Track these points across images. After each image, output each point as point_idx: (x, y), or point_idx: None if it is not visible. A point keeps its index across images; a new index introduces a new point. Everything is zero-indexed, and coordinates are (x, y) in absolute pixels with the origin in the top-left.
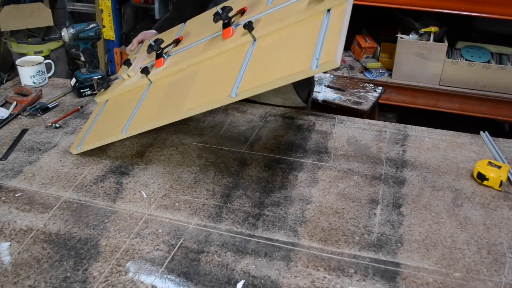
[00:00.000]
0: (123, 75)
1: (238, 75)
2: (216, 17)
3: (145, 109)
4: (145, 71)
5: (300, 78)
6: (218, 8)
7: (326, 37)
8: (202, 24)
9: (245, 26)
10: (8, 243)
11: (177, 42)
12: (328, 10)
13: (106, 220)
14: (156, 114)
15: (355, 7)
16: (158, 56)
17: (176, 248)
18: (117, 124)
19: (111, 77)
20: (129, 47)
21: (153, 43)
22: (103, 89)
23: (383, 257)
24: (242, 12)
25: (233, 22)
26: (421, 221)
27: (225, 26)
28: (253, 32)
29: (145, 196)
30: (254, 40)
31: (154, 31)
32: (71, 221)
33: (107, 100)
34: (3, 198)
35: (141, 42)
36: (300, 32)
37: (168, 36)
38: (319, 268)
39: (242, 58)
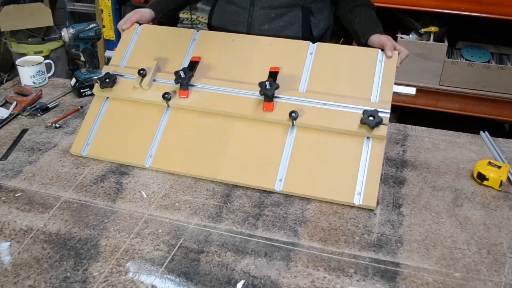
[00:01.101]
0: (134, 83)
1: (280, 165)
2: (263, 90)
3: (168, 144)
4: (167, 98)
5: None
6: (267, 83)
7: (367, 171)
8: (226, 53)
9: (291, 115)
10: (8, 243)
11: (194, 64)
12: (368, 138)
13: (106, 220)
14: (184, 162)
15: None
16: (184, 86)
17: (176, 248)
18: (135, 146)
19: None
20: (121, 23)
21: (183, 75)
22: (108, 86)
23: (383, 257)
24: (275, 74)
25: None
26: (421, 221)
27: (268, 99)
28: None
29: (145, 196)
30: (293, 124)
31: (149, 11)
32: (71, 221)
33: (107, 98)
34: (3, 198)
35: (137, 22)
36: (342, 147)
37: (175, 38)
38: (319, 268)
39: (282, 144)
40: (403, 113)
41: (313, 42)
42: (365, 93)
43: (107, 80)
